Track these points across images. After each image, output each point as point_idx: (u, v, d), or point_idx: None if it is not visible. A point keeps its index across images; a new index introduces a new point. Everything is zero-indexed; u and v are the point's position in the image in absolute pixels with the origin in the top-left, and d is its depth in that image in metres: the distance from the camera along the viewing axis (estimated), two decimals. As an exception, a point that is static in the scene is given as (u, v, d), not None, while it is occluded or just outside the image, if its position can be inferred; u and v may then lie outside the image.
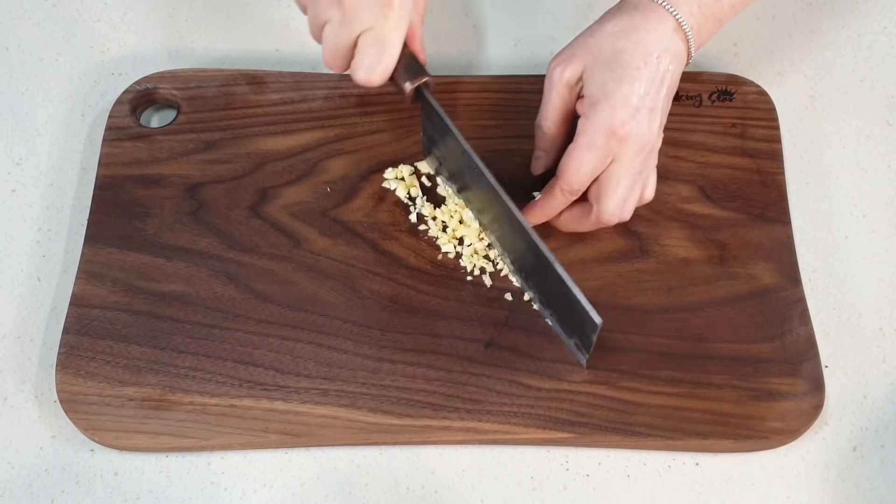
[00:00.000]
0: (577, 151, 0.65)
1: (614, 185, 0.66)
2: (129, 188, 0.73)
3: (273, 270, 0.70)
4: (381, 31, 0.64)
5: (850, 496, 0.65)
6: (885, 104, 0.79)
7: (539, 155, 0.70)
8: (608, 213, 0.66)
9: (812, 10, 0.83)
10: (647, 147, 0.65)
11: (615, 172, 0.66)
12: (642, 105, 0.64)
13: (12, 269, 0.72)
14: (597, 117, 0.64)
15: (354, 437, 0.65)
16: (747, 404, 0.65)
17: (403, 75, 0.67)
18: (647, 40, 0.65)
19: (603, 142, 0.64)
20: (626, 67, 0.64)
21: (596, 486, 0.65)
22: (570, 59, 0.66)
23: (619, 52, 0.65)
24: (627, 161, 0.65)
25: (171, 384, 0.66)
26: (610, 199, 0.66)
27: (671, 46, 0.65)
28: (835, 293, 0.71)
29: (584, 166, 0.65)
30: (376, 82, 0.66)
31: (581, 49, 0.66)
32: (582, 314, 0.63)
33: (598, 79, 0.65)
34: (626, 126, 0.64)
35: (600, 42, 0.66)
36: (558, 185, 0.66)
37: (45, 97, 0.79)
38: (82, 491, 0.65)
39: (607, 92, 0.64)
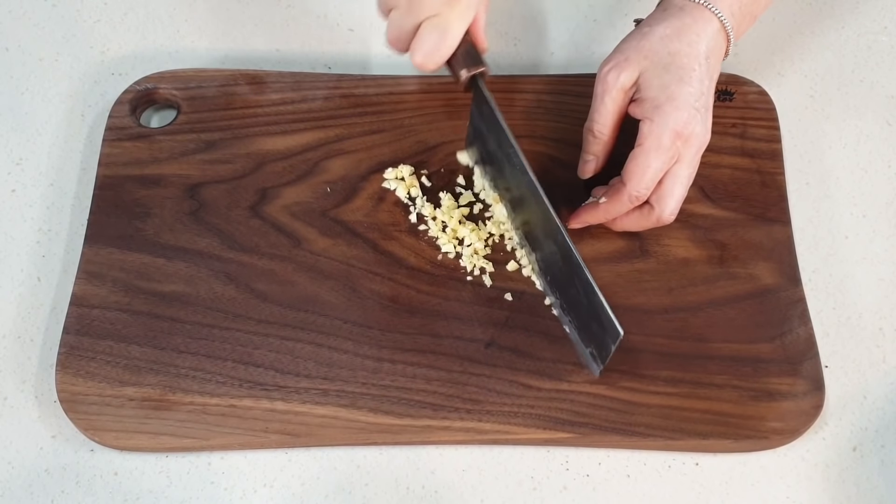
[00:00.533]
0: (644, 155, 0.65)
1: (676, 186, 0.67)
2: (129, 188, 0.73)
3: (273, 270, 0.70)
4: (446, 18, 0.65)
5: (850, 496, 0.65)
6: (885, 104, 0.79)
7: (589, 159, 0.70)
8: (669, 211, 0.67)
9: (812, 10, 0.83)
10: (704, 146, 0.67)
11: (678, 173, 0.66)
12: (700, 104, 0.66)
13: (12, 269, 0.72)
14: (663, 120, 0.65)
15: (354, 437, 0.65)
16: (747, 404, 0.65)
17: (461, 62, 0.68)
18: (699, 42, 0.66)
19: (669, 143, 0.65)
20: (684, 69, 0.65)
21: (596, 486, 0.65)
22: (624, 63, 0.67)
23: (675, 55, 0.66)
24: (689, 161, 0.66)
25: (171, 384, 0.66)
26: (672, 199, 0.67)
27: (717, 46, 0.67)
28: (835, 293, 0.71)
29: (650, 169, 0.65)
30: (431, 68, 0.67)
31: (634, 53, 0.67)
32: (604, 323, 0.63)
33: (657, 82, 0.66)
34: (690, 126, 0.65)
35: (654, 45, 0.66)
36: (626, 190, 0.66)
37: (45, 97, 0.79)
38: (82, 491, 0.65)
39: (670, 94, 0.65)
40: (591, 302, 0.64)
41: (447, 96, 0.76)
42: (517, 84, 0.77)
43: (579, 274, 0.64)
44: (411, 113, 0.76)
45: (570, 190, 0.71)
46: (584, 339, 0.66)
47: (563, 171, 0.73)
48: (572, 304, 0.67)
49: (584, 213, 0.69)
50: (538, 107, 0.76)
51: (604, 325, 0.63)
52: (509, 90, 0.77)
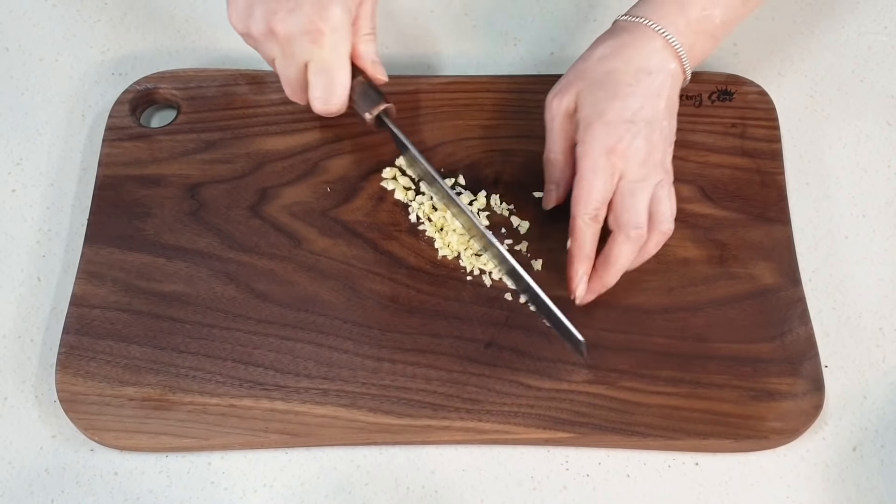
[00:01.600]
0: (583, 177, 0.65)
1: (626, 201, 0.65)
2: (129, 188, 0.73)
3: (273, 270, 0.70)
4: (320, 59, 0.65)
5: (850, 496, 0.65)
6: (885, 104, 0.79)
7: (550, 188, 0.70)
8: (632, 227, 0.65)
9: (812, 10, 0.83)
10: (651, 160, 0.65)
11: (626, 189, 0.65)
12: (638, 118, 0.64)
13: (12, 269, 0.72)
14: (593, 137, 0.64)
15: (354, 437, 0.65)
16: (747, 404, 0.65)
17: (360, 105, 0.68)
18: (637, 58, 0.65)
19: (604, 161, 0.64)
20: (618, 85, 0.65)
21: (596, 486, 0.65)
22: (565, 88, 0.67)
23: (610, 73, 0.65)
24: (633, 175, 0.65)
25: (171, 384, 0.66)
26: (628, 214, 0.65)
27: (663, 64, 0.66)
28: (835, 293, 0.71)
29: (593, 190, 0.64)
30: (334, 111, 0.67)
31: (574, 76, 0.67)
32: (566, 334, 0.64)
33: (590, 99, 0.65)
34: (624, 141, 0.64)
35: (591, 65, 0.66)
36: (577, 219, 0.65)
37: (45, 97, 0.79)
38: (82, 491, 0.65)
39: (600, 111, 0.65)
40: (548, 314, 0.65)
41: (447, 96, 0.76)
42: (517, 84, 0.77)
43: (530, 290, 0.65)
44: (411, 113, 0.76)
45: None
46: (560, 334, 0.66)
47: None
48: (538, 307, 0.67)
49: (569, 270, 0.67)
50: (538, 107, 0.75)
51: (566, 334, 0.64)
52: (509, 90, 0.77)
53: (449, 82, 0.77)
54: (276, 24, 0.63)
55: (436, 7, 0.84)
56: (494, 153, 0.73)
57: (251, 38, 0.66)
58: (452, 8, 0.84)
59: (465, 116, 0.76)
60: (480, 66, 0.81)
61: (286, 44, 0.64)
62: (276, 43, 0.65)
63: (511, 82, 0.77)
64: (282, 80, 0.68)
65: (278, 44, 0.65)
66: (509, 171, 0.72)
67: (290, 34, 0.64)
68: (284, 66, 0.66)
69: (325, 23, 0.63)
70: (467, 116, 0.76)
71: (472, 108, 0.76)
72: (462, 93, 0.77)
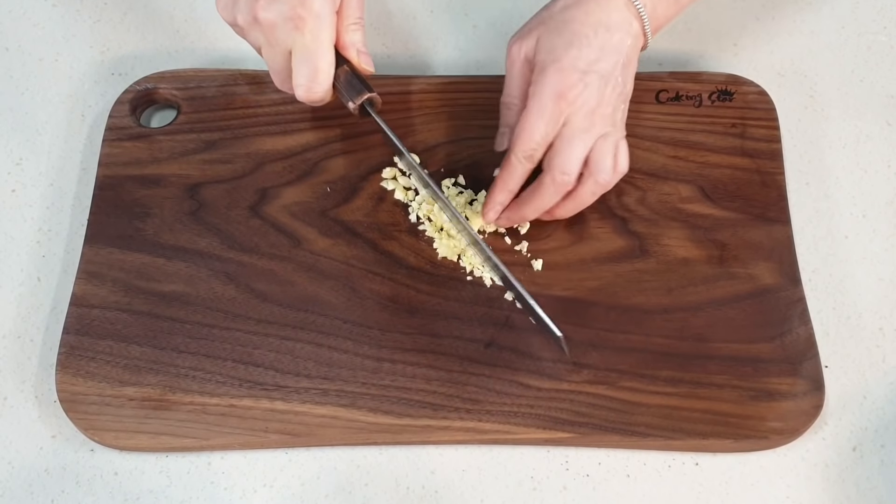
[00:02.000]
0: (527, 116, 0.66)
1: (564, 147, 0.66)
2: (129, 188, 0.73)
3: (273, 270, 0.70)
4: (303, 46, 0.65)
5: (850, 496, 0.65)
6: (885, 104, 0.79)
7: (503, 131, 0.71)
8: (560, 171, 0.66)
9: (812, 10, 0.83)
10: (600, 112, 0.66)
11: (566, 135, 0.66)
12: (592, 69, 0.65)
13: (12, 269, 0.72)
14: (545, 81, 0.65)
15: (354, 437, 0.65)
16: (747, 404, 0.65)
17: (345, 94, 0.68)
18: (597, 12, 0.66)
19: (552, 105, 0.65)
20: (575, 34, 0.65)
21: (596, 486, 0.65)
22: (525, 34, 0.68)
23: (569, 21, 0.66)
24: (578, 123, 0.66)
25: (171, 384, 0.66)
26: (560, 159, 0.66)
27: (623, 23, 0.66)
28: (835, 293, 0.71)
29: (534, 131, 0.65)
30: (318, 99, 0.67)
31: (536, 23, 0.68)
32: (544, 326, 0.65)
33: (547, 45, 0.66)
34: (575, 89, 0.65)
35: (553, 14, 0.67)
36: (513, 153, 0.67)
37: (45, 97, 0.79)
38: (82, 491, 0.65)
39: (555, 56, 0.65)
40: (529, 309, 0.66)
41: (447, 96, 0.76)
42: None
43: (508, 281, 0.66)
44: (411, 113, 0.76)
45: None
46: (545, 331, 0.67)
47: None
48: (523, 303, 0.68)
49: (490, 195, 0.69)
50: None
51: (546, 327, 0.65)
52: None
53: (449, 82, 0.77)
54: (258, 11, 0.64)
55: (436, 7, 0.84)
56: (494, 153, 0.73)
57: (237, 27, 0.67)
58: (452, 8, 0.84)
59: (465, 116, 0.76)
60: (480, 66, 0.81)
61: (269, 31, 0.65)
62: (260, 31, 0.65)
63: (511, 82, 0.77)
64: (269, 68, 0.68)
65: (262, 32, 0.65)
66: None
67: (272, 21, 0.64)
68: (269, 54, 0.66)
69: (306, 9, 0.64)
70: (467, 116, 0.76)
71: (472, 108, 0.76)
72: (462, 93, 0.77)
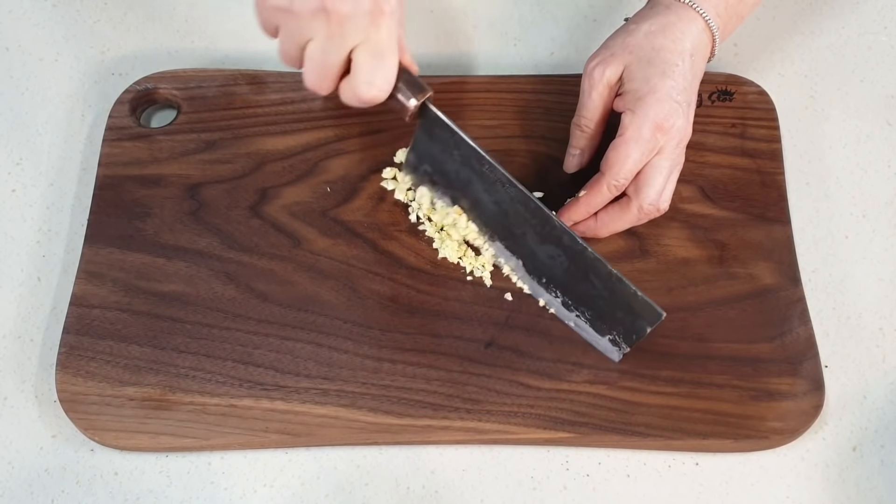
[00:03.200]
0: (624, 145, 0.66)
1: (655, 176, 0.67)
2: (129, 188, 0.73)
3: (273, 270, 0.70)
4: (377, 41, 0.61)
5: (850, 496, 0.65)
6: (885, 104, 0.79)
7: (575, 153, 0.72)
8: (648, 202, 0.68)
9: (812, 10, 0.83)
10: (685, 139, 0.68)
11: (657, 164, 0.67)
12: (682, 99, 0.67)
13: (12, 269, 0.72)
14: (644, 111, 0.66)
15: (354, 437, 0.65)
16: (747, 404, 0.65)
17: (405, 91, 0.65)
18: (683, 39, 0.67)
19: (650, 135, 0.66)
20: (667, 63, 0.66)
21: (596, 486, 0.65)
22: (609, 59, 0.68)
23: (659, 50, 0.67)
24: (668, 153, 0.67)
25: (171, 384, 0.66)
26: (650, 189, 0.67)
27: (701, 44, 0.68)
28: (835, 293, 0.71)
29: (630, 159, 0.66)
30: (378, 98, 0.63)
31: (620, 49, 0.68)
32: (637, 309, 0.64)
33: (641, 74, 0.67)
34: (671, 119, 0.66)
35: (639, 41, 0.68)
36: (605, 180, 0.67)
37: (45, 97, 0.79)
38: (82, 491, 0.65)
39: (652, 86, 0.66)
40: (617, 292, 0.65)
41: (447, 96, 0.76)
42: (517, 84, 0.77)
43: (598, 269, 0.65)
44: (411, 113, 0.76)
45: (570, 190, 0.71)
46: (601, 328, 0.66)
47: (564, 172, 0.73)
48: (581, 298, 0.67)
49: (567, 211, 0.70)
50: (538, 107, 0.76)
51: (636, 311, 0.64)
52: (509, 90, 0.77)
53: (449, 82, 0.77)
54: (332, 2, 0.59)
55: (436, 7, 0.84)
56: (495, 153, 0.73)
57: (290, 13, 0.61)
58: (452, 8, 0.84)
59: (465, 116, 0.76)
60: (480, 66, 0.81)
61: (338, 24, 0.60)
62: (324, 20, 0.60)
63: (511, 82, 0.77)
64: (312, 65, 0.63)
65: (328, 24, 0.60)
66: (510, 171, 0.72)
67: (347, 14, 0.59)
68: (327, 48, 0.61)
69: (388, 4, 0.60)
70: (467, 116, 0.76)
71: (472, 108, 0.76)
72: (462, 93, 0.77)
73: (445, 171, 0.70)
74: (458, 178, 0.69)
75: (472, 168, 0.68)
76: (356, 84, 0.62)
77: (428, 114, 0.67)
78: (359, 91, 0.62)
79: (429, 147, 0.70)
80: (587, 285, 0.66)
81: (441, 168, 0.70)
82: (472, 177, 0.68)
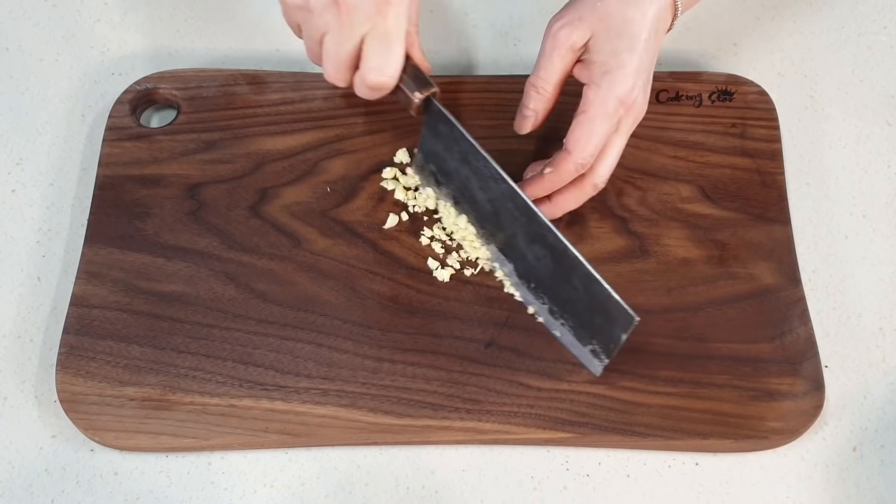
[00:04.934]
0: (589, 122, 0.66)
1: (611, 153, 0.67)
2: (129, 188, 0.73)
3: (273, 270, 0.70)
4: (383, 29, 0.63)
5: (850, 496, 0.65)
6: (885, 104, 0.79)
7: (528, 114, 0.70)
8: (602, 179, 0.67)
9: (812, 10, 0.83)
10: (641, 116, 0.67)
11: (614, 141, 0.67)
12: (642, 72, 0.66)
13: (12, 269, 0.72)
14: (610, 86, 0.65)
15: (354, 437, 0.65)
16: (747, 404, 0.65)
17: (411, 85, 0.66)
18: (651, 11, 0.66)
19: (613, 110, 0.65)
20: (636, 37, 0.65)
21: (596, 486, 0.65)
22: (577, 22, 0.66)
23: (629, 22, 0.65)
24: (626, 130, 0.67)
25: (171, 384, 0.66)
26: (605, 167, 0.67)
27: (664, 17, 0.67)
28: (835, 293, 0.71)
29: (595, 135, 0.66)
30: (388, 84, 0.65)
31: (589, 13, 0.66)
32: (613, 313, 0.63)
33: (609, 47, 0.66)
34: (633, 94, 0.66)
35: (610, 10, 0.66)
36: (571, 158, 0.66)
37: (45, 97, 0.79)
38: (82, 491, 0.65)
39: (620, 61, 0.65)
40: (594, 295, 0.64)
41: (447, 96, 0.76)
42: (517, 84, 0.77)
43: (577, 268, 0.64)
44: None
45: None
46: (583, 336, 0.66)
47: None
48: (565, 304, 0.67)
49: (528, 187, 0.68)
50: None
51: (612, 315, 0.63)
52: (509, 90, 0.77)
53: (449, 82, 0.77)
54: None
55: (436, 7, 0.84)
56: (494, 153, 0.73)
57: (307, 9, 0.64)
58: (452, 8, 0.84)
59: (465, 116, 0.76)
60: (480, 66, 0.81)
61: (347, 14, 0.63)
62: (335, 14, 0.63)
63: (511, 82, 0.77)
64: (328, 57, 0.65)
65: (339, 14, 0.63)
66: (509, 171, 0.72)
67: (356, 3, 0.62)
68: (339, 38, 0.64)
69: None
70: (467, 116, 0.76)
71: (472, 108, 0.76)
72: (462, 93, 0.77)
73: (448, 170, 0.70)
74: (459, 177, 0.70)
75: (470, 165, 0.68)
76: (364, 71, 0.65)
77: (432, 110, 0.68)
78: (366, 78, 0.65)
79: (433, 144, 0.70)
80: (569, 288, 0.65)
81: (444, 167, 0.70)
82: (470, 175, 0.68)
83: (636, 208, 0.72)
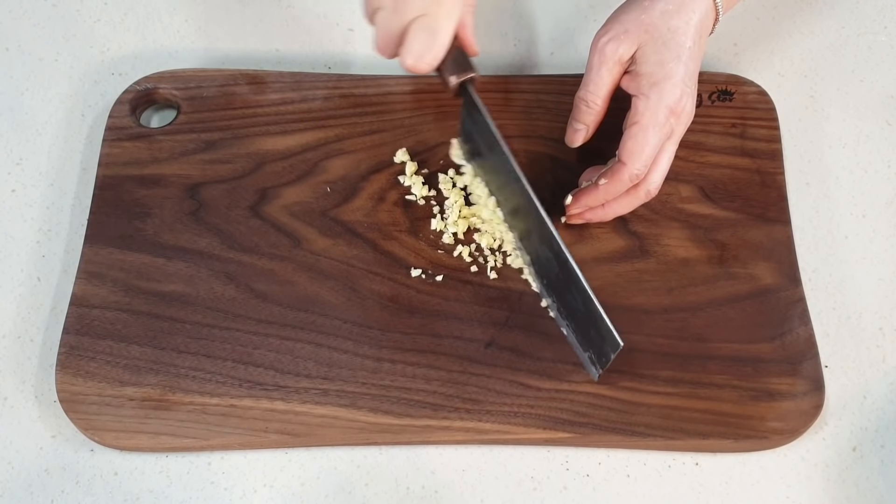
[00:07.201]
0: (642, 132, 0.66)
1: (664, 161, 0.68)
2: (129, 188, 0.73)
3: (273, 270, 0.70)
4: (434, 18, 0.64)
5: (850, 496, 0.65)
6: (885, 104, 0.79)
7: (579, 128, 0.70)
8: (656, 185, 0.68)
9: (812, 10, 0.83)
10: (690, 121, 0.68)
11: (668, 149, 0.68)
12: (689, 81, 0.67)
13: (12, 269, 0.72)
14: (660, 96, 0.66)
15: (354, 437, 0.65)
16: (747, 404, 0.65)
17: (450, 68, 0.67)
18: (694, 19, 0.67)
19: (664, 120, 0.66)
20: (681, 46, 0.66)
21: (596, 486, 0.65)
22: (623, 36, 0.67)
23: (674, 32, 0.66)
24: (677, 137, 0.68)
25: (171, 384, 0.66)
26: (659, 174, 0.68)
27: (707, 23, 0.68)
28: (835, 293, 0.71)
29: (649, 146, 0.66)
30: (423, 70, 0.66)
31: (635, 26, 0.67)
32: (603, 333, 0.63)
33: (656, 58, 0.66)
34: (682, 102, 0.66)
35: (655, 20, 0.66)
36: (626, 170, 0.67)
37: (45, 97, 0.79)
38: (82, 491, 0.65)
39: (668, 71, 0.66)
40: (588, 310, 0.64)
41: (448, 96, 0.76)
42: (517, 84, 0.77)
43: (576, 282, 0.64)
44: (411, 113, 0.76)
45: (568, 189, 0.71)
46: (583, 343, 0.66)
47: (564, 172, 0.73)
48: (569, 309, 0.67)
49: (584, 197, 0.69)
50: (538, 107, 0.76)
51: (602, 334, 0.64)
52: (509, 90, 0.77)
53: (449, 82, 0.77)
54: None
55: (436, 7, 0.83)
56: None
57: None
58: (452, 8, 0.84)
59: (465, 116, 0.76)
60: (480, 66, 0.81)
61: None
62: None
63: (511, 82, 0.77)
64: (379, 31, 0.66)
65: None
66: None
67: None
68: (390, 17, 0.65)
69: None
70: (467, 116, 0.76)
71: (471, 108, 0.76)
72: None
73: (481, 153, 0.71)
74: (488, 162, 0.71)
75: (496, 156, 0.69)
76: (404, 53, 0.65)
77: (467, 94, 0.68)
78: (405, 61, 0.65)
79: (469, 126, 0.71)
80: (571, 296, 0.66)
81: (477, 150, 0.71)
82: (496, 164, 0.69)
83: (636, 208, 0.72)
